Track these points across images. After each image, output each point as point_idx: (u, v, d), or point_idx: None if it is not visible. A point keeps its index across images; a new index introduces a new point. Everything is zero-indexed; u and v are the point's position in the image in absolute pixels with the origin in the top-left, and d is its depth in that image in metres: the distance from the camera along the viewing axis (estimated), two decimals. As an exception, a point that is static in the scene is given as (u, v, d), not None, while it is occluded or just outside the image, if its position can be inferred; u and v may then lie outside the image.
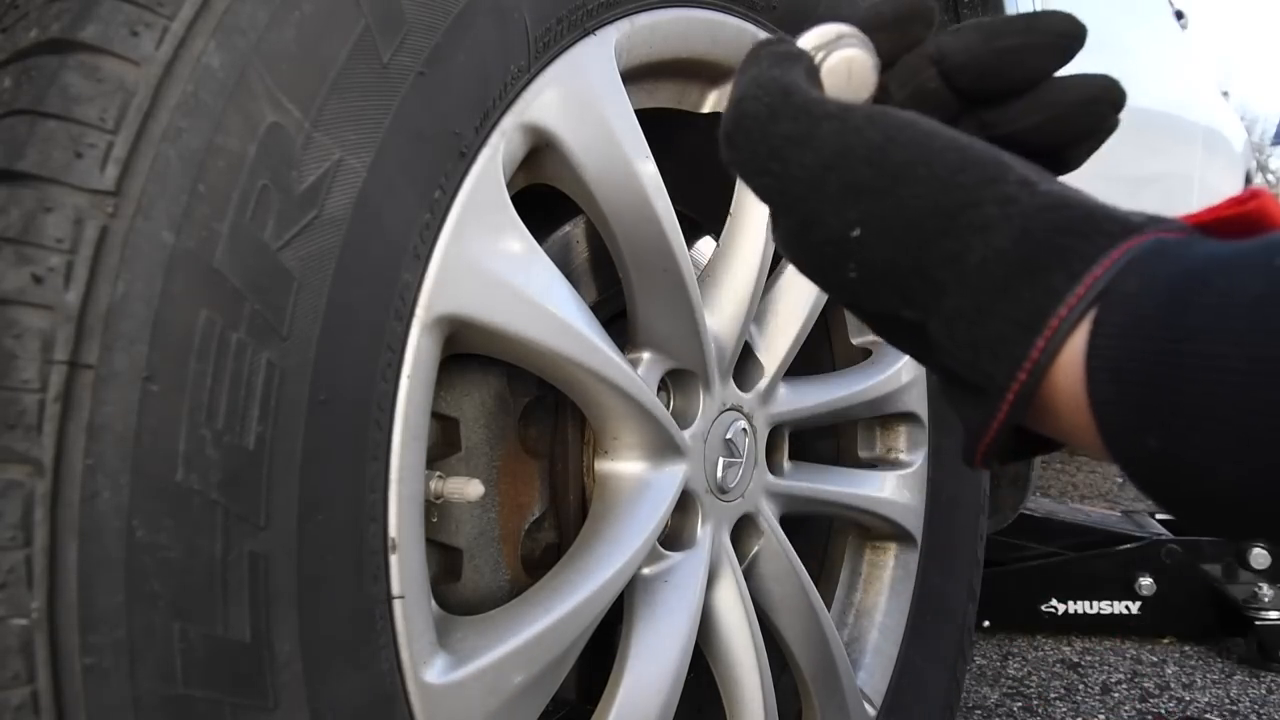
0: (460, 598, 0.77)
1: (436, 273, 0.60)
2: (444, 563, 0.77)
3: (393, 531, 0.58)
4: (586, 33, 0.70)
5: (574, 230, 0.84)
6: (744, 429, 0.90)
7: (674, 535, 0.85)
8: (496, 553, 0.79)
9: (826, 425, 1.12)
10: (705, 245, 0.98)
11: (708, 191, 0.91)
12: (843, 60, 0.44)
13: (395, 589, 0.58)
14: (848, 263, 0.40)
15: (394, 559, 0.58)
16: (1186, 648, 2.06)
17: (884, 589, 1.15)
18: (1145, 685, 1.87)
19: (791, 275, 0.97)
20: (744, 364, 0.92)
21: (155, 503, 0.47)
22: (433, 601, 0.63)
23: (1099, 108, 0.42)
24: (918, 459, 1.16)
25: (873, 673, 1.11)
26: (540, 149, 0.69)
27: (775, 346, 0.95)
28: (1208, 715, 1.63)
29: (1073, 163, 0.44)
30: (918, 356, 0.44)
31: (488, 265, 0.63)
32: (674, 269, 0.79)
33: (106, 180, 0.47)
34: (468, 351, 0.67)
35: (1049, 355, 0.35)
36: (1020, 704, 1.76)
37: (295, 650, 0.53)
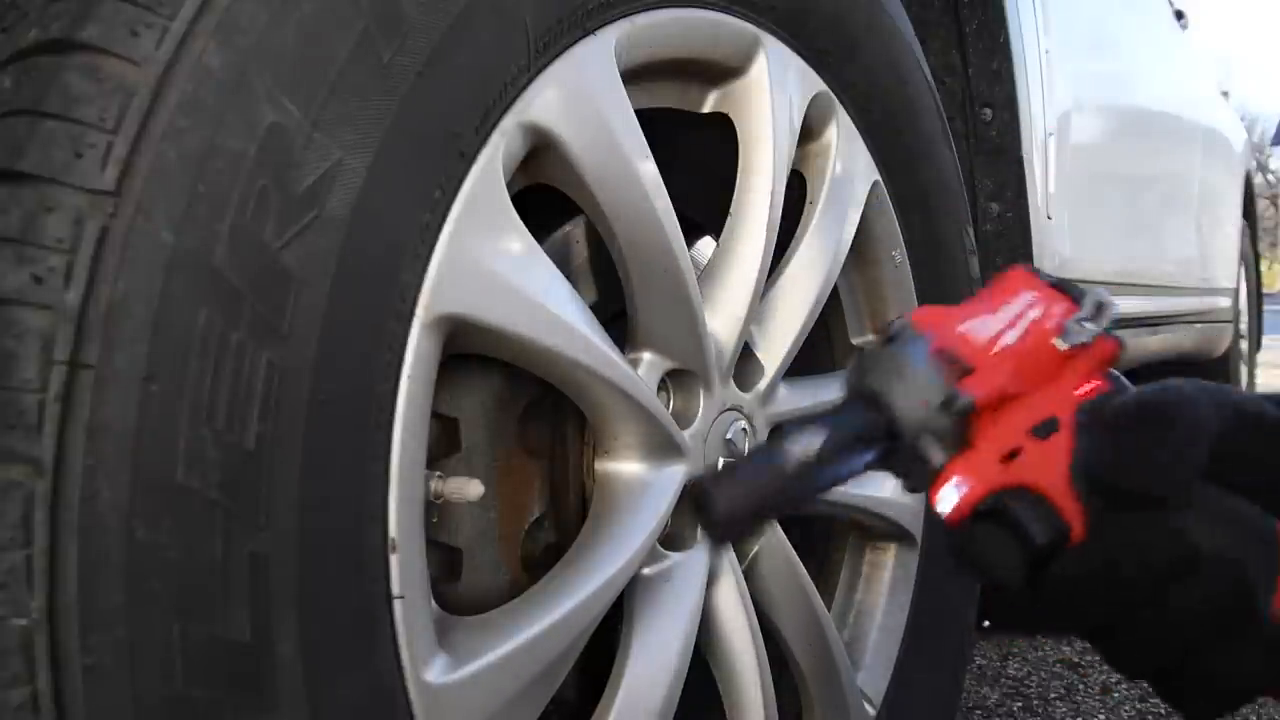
0: (460, 598, 0.77)
1: (436, 273, 0.60)
2: (444, 563, 0.77)
3: (393, 531, 0.58)
4: (586, 32, 0.70)
5: (574, 230, 0.84)
6: (744, 429, 0.90)
7: (674, 535, 0.85)
8: (496, 553, 0.79)
9: (826, 425, 1.11)
10: (705, 245, 0.98)
11: (708, 191, 0.91)
12: None
13: (395, 589, 0.58)
14: None
15: (394, 559, 0.58)
16: (1186, 648, 2.06)
17: (884, 589, 1.15)
18: (1145, 685, 1.86)
19: (792, 275, 0.97)
20: (744, 364, 0.92)
21: (155, 503, 0.47)
22: (433, 601, 0.63)
23: None
24: (918, 459, 1.16)
25: (873, 673, 1.11)
26: (540, 149, 0.69)
27: (775, 347, 0.95)
28: None
29: None
30: None
31: (488, 265, 0.63)
32: (674, 269, 0.79)
33: (106, 180, 0.47)
34: (468, 351, 0.67)
35: None
36: (1020, 704, 1.76)
37: (295, 650, 0.53)
